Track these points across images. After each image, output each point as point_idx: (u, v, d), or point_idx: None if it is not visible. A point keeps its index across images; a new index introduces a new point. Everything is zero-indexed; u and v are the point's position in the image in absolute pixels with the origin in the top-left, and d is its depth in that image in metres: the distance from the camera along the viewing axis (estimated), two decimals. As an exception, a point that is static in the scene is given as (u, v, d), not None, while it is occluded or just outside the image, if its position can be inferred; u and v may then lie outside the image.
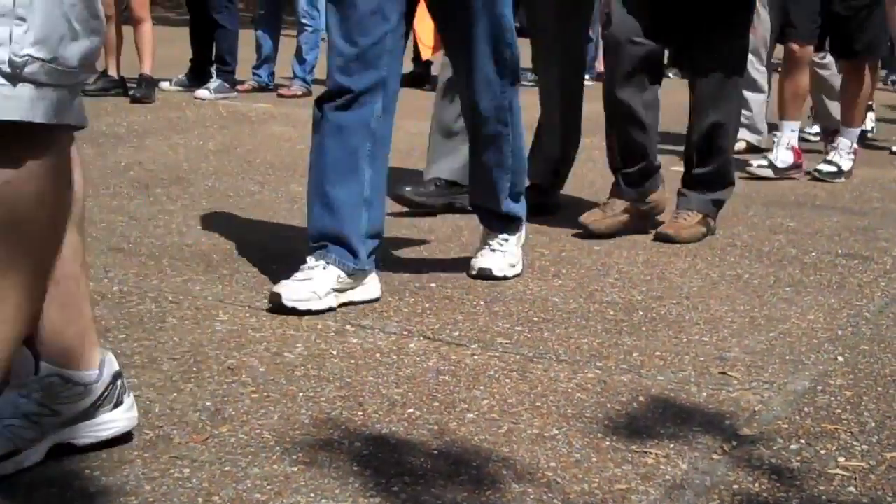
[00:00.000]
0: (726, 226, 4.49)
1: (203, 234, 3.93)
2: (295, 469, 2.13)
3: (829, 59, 6.51)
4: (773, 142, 5.85)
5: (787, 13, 5.77)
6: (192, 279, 3.36)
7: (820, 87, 6.61)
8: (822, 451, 2.33)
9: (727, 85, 4.22)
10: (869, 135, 7.32)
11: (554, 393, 2.59)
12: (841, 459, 2.30)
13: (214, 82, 8.06)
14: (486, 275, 3.50)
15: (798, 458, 2.29)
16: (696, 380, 2.72)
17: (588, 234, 4.13)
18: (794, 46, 5.77)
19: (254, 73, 8.68)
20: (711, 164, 4.29)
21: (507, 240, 3.57)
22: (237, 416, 2.36)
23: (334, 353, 2.79)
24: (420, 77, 9.38)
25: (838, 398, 2.64)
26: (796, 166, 5.75)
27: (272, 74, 8.66)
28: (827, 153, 5.96)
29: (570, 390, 2.61)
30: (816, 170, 5.69)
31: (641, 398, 2.59)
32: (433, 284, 3.43)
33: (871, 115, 7.38)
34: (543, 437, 2.33)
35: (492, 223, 3.59)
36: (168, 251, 3.67)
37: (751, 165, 5.68)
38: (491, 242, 3.58)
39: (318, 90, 9.06)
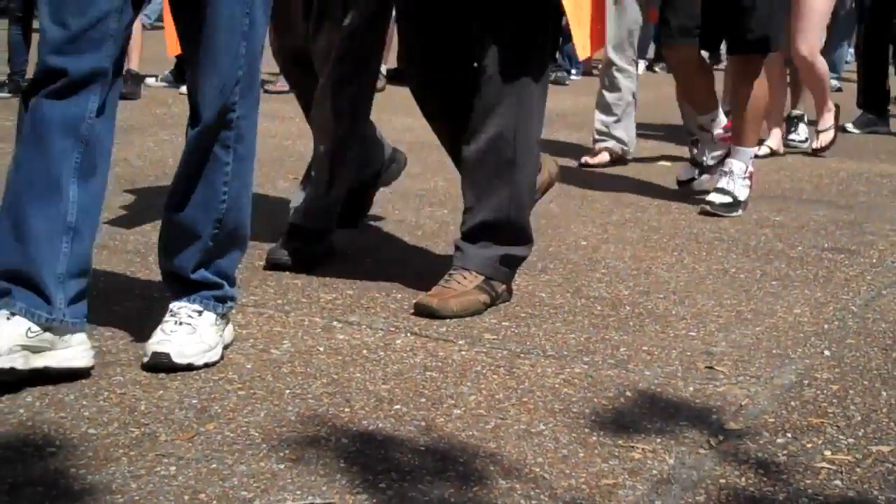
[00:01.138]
0: (713, 220, 4.50)
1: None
2: (282, 466, 2.13)
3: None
4: (723, 172, 4.78)
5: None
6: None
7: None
8: (809, 445, 2.34)
9: (513, 91, 3.17)
10: (803, 145, 6.61)
11: (541, 388, 2.59)
12: (827, 453, 2.30)
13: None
14: (162, 363, 2.55)
15: (784, 452, 2.30)
16: (682, 374, 2.73)
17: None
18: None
19: (240, 69, 8.66)
20: (495, 200, 3.17)
21: (200, 313, 2.64)
22: (223, 414, 2.36)
23: (321, 349, 2.79)
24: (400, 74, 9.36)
25: (825, 392, 2.65)
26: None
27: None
28: (695, 162, 5.14)
29: (557, 385, 2.61)
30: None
31: (628, 393, 2.59)
32: (420, 280, 3.42)
33: (819, 124, 6.47)
34: (530, 433, 2.33)
35: (179, 288, 2.68)
36: (155, 248, 3.63)
37: (711, 204, 4.61)
38: (177, 312, 2.65)
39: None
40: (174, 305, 2.66)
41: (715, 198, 4.64)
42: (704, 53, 5.03)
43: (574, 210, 4.60)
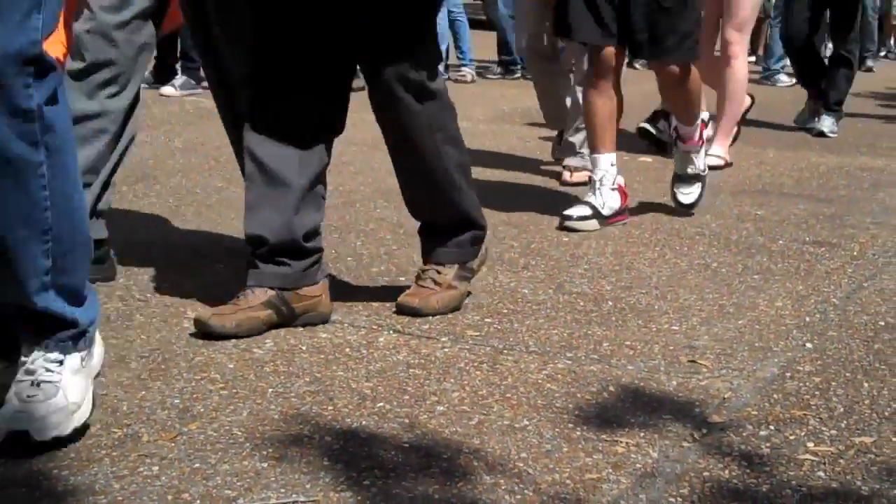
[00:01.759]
0: (694, 215, 4.50)
1: (170, 232, 3.91)
2: (265, 465, 2.12)
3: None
4: (591, 181, 4.36)
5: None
6: (159, 277, 3.34)
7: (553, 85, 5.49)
8: (792, 437, 2.34)
9: (414, 101, 2.99)
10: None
11: (524, 384, 2.59)
12: (810, 445, 2.31)
13: (180, 79, 8.02)
14: (21, 444, 2.11)
15: (768, 445, 2.30)
16: (665, 368, 2.73)
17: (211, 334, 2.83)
18: (609, 51, 4.20)
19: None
20: (446, 201, 3.12)
21: (60, 363, 2.18)
22: (206, 413, 2.35)
23: (304, 348, 2.78)
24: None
25: (807, 384, 2.66)
26: (621, 212, 4.33)
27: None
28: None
29: (540, 381, 2.61)
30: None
31: (611, 388, 2.59)
32: (402, 278, 3.42)
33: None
34: (514, 428, 2.33)
35: (28, 330, 2.20)
36: (135, 249, 3.64)
37: (569, 218, 4.19)
38: (33, 369, 2.16)
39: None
40: (27, 360, 2.17)
41: (575, 210, 4.21)
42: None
43: (555, 207, 4.59)
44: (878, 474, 2.18)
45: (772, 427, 2.39)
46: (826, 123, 7.04)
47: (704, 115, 4.71)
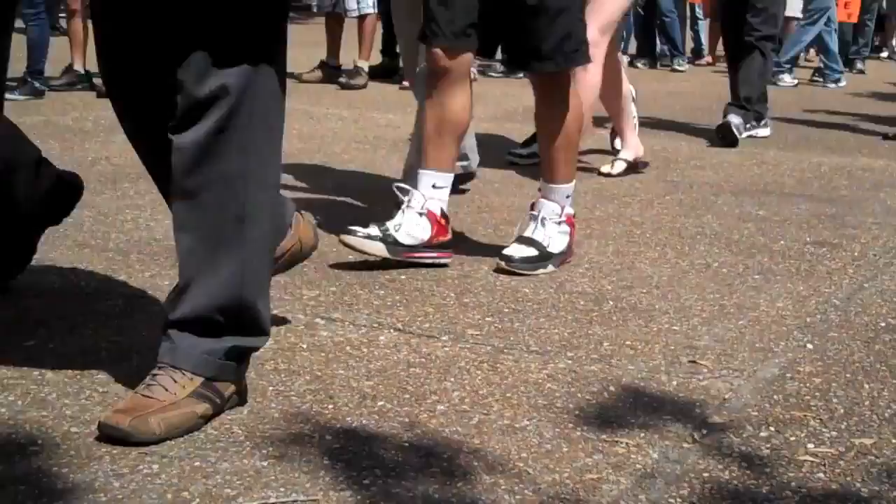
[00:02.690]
0: (695, 215, 4.50)
1: (170, 229, 3.89)
2: (265, 463, 2.12)
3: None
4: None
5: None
6: (159, 274, 3.34)
7: None
8: (792, 438, 2.34)
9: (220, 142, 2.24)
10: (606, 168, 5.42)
11: (524, 384, 2.59)
12: (810, 446, 2.31)
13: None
14: None
15: (768, 446, 2.30)
16: (666, 369, 2.73)
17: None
18: (437, 52, 3.56)
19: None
20: (221, 274, 2.28)
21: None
22: (207, 411, 2.34)
23: (304, 346, 2.78)
24: (389, 69, 9.37)
25: (807, 385, 2.66)
26: (432, 245, 3.57)
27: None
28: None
29: (540, 381, 2.61)
30: (504, 256, 3.53)
31: (612, 388, 2.59)
32: (403, 276, 3.42)
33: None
34: (514, 428, 2.33)
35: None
36: (136, 246, 3.64)
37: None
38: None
39: (288, 84, 8.99)
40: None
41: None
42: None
43: (557, 205, 4.59)
44: (878, 476, 2.18)
45: (772, 428, 2.39)
46: (734, 120, 6.45)
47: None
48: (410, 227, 3.51)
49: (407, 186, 3.61)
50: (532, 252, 3.54)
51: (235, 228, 2.26)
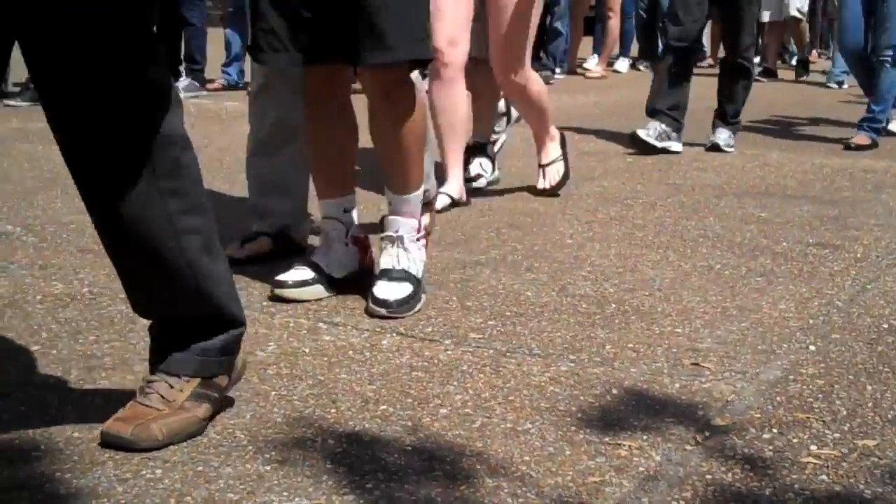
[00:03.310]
0: (698, 217, 4.50)
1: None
2: (268, 468, 2.12)
3: None
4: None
5: None
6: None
7: None
8: (795, 440, 2.34)
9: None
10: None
11: (527, 387, 2.59)
12: (813, 448, 2.30)
13: (184, 81, 8.04)
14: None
15: (770, 448, 2.30)
16: (668, 371, 2.73)
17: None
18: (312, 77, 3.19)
19: (223, 72, 8.65)
20: (196, 301, 2.24)
21: None
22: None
23: (307, 350, 2.79)
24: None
25: (810, 387, 2.65)
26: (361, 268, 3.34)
27: (242, 72, 8.64)
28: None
29: (543, 384, 2.61)
30: (379, 300, 3.06)
31: (614, 390, 2.59)
32: (405, 280, 3.42)
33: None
34: (517, 431, 2.33)
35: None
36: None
37: (283, 284, 3.19)
38: None
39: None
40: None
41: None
42: None
43: (559, 208, 4.60)
44: (881, 478, 2.18)
45: (775, 430, 2.39)
46: (722, 136, 6.43)
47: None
48: (340, 259, 3.26)
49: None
50: (406, 290, 3.08)
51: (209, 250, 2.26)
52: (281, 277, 3.18)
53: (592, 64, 11.28)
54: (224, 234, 3.88)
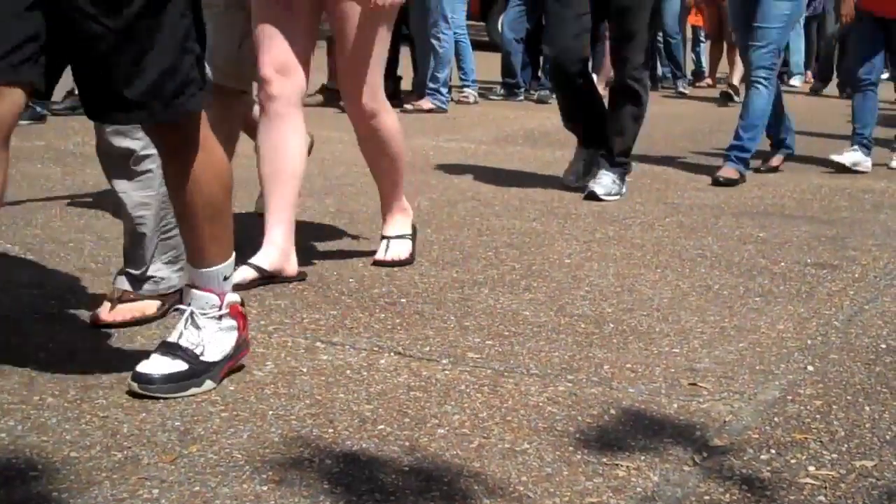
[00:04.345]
0: (696, 237, 4.51)
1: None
2: (265, 488, 2.12)
3: None
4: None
5: None
6: (161, 298, 3.33)
7: None
8: (793, 461, 2.34)
9: None
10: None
11: (525, 407, 2.59)
12: (811, 468, 2.30)
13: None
14: None
15: (768, 468, 2.30)
16: (666, 391, 2.73)
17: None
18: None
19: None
20: None
21: None
22: (206, 436, 2.35)
23: (304, 370, 2.78)
24: (389, 92, 9.41)
25: (808, 407, 2.65)
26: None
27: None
28: None
29: (540, 404, 2.61)
30: (139, 375, 2.57)
31: (612, 411, 2.59)
32: (403, 300, 3.43)
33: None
34: (514, 452, 2.33)
35: None
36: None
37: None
38: None
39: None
40: None
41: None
42: None
43: (557, 228, 4.61)
44: (878, 498, 2.18)
45: (773, 451, 2.39)
46: (602, 182, 5.21)
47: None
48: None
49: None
50: (178, 367, 2.57)
51: None
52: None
53: (591, 83, 11.28)
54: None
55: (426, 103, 8.73)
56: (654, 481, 2.22)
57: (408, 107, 8.76)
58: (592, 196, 5.17)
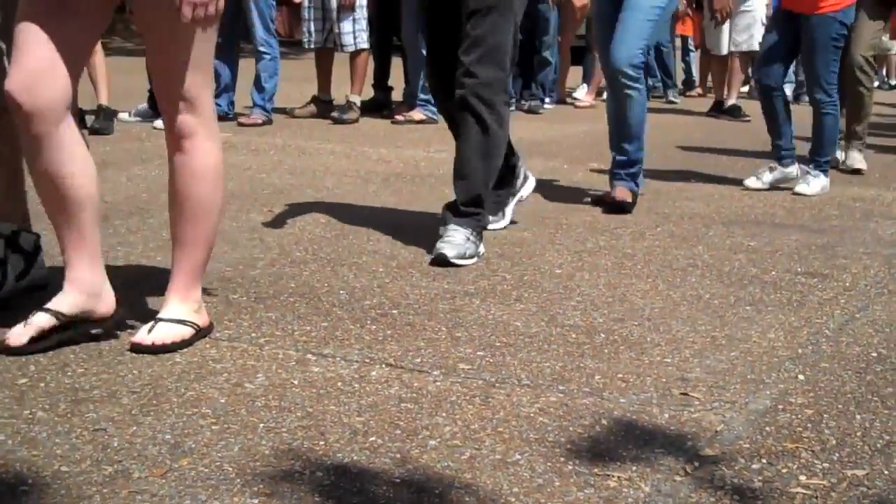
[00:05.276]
0: (687, 246, 4.51)
1: (163, 266, 3.90)
2: (256, 501, 2.11)
3: None
4: None
5: None
6: (151, 311, 3.33)
7: None
8: (784, 470, 2.34)
9: None
10: None
11: (516, 418, 2.59)
12: (802, 478, 2.30)
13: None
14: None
15: (760, 478, 2.30)
16: (658, 401, 2.73)
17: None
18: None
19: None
20: None
21: None
22: (197, 449, 2.34)
23: (295, 382, 2.78)
24: (381, 104, 9.42)
25: (799, 416, 2.65)
26: None
27: (232, 103, 8.64)
28: None
29: (532, 415, 2.61)
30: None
31: (604, 421, 2.59)
32: (394, 311, 3.42)
33: None
34: (506, 463, 2.33)
35: None
36: (128, 283, 3.64)
37: None
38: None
39: (279, 118, 9.06)
40: None
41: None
42: None
43: (548, 238, 4.61)
44: (870, 507, 2.18)
45: (764, 460, 2.39)
46: (454, 240, 4.08)
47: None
48: None
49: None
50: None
51: None
52: None
53: (581, 94, 11.30)
54: (216, 261, 3.89)
55: (417, 114, 8.74)
56: (646, 492, 2.21)
57: (398, 118, 8.77)
58: (442, 260, 4.01)
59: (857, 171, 6.72)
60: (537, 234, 4.68)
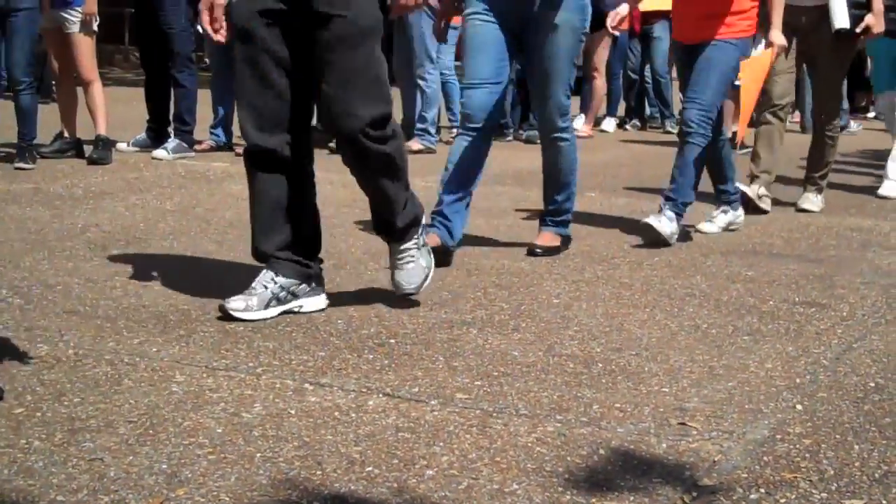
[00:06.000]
0: (685, 276, 4.51)
1: (160, 296, 3.90)
2: (253, 531, 2.11)
3: None
4: None
5: None
6: (148, 341, 3.33)
7: None
8: (782, 500, 2.33)
9: None
10: None
11: (514, 447, 2.58)
12: (801, 508, 2.30)
13: (172, 142, 8.05)
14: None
15: (758, 508, 2.29)
16: (655, 431, 2.72)
17: None
18: None
19: (211, 133, 8.68)
20: None
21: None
22: (194, 479, 2.33)
23: (292, 412, 2.77)
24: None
25: (797, 446, 2.65)
26: None
27: (230, 134, 8.66)
28: None
29: (529, 444, 2.60)
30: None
31: (601, 451, 2.58)
32: (392, 340, 3.42)
33: None
34: (503, 493, 2.32)
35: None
36: (124, 313, 3.64)
37: None
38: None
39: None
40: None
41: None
42: None
43: (546, 268, 4.61)
44: (869, 538, 2.17)
45: (762, 490, 2.38)
46: (412, 272, 3.89)
47: None
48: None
49: None
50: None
51: None
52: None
53: (579, 124, 11.32)
54: (214, 291, 3.88)
55: (415, 144, 8.75)
56: (644, 522, 2.21)
57: None
58: (403, 292, 3.89)
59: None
60: (534, 263, 4.68)
